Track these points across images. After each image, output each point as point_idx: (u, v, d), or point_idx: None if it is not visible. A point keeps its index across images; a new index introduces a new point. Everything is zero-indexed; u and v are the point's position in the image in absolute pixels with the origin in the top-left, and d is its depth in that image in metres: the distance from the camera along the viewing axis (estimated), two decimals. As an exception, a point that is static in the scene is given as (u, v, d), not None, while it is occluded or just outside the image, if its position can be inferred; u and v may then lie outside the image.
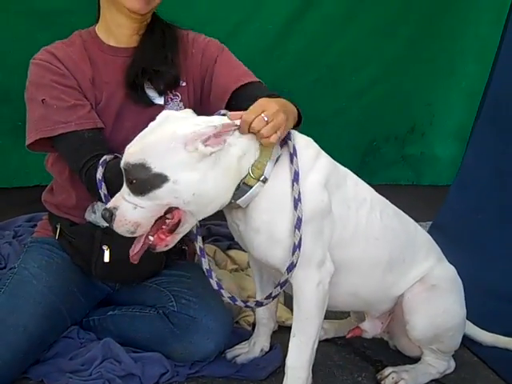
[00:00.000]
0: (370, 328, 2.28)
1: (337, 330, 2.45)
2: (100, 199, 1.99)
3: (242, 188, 1.79)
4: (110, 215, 1.73)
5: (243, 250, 2.41)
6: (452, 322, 2.16)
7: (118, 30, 2.21)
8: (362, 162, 3.97)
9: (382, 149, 4.00)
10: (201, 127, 1.66)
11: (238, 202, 1.80)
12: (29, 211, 3.13)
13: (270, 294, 1.95)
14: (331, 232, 1.92)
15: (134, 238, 1.96)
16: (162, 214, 1.73)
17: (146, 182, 1.67)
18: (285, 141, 1.85)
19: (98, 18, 2.25)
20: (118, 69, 2.20)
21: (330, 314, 2.43)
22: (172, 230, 1.78)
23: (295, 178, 1.81)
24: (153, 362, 2.14)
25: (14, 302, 2.07)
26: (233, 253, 2.89)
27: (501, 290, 2.86)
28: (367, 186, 2.09)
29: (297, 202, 1.81)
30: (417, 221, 3.53)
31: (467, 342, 2.45)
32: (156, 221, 1.75)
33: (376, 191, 2.17)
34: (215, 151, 1.68)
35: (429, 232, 3.32)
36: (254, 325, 2.35)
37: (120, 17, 2.17)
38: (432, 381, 2.23)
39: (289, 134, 1.87)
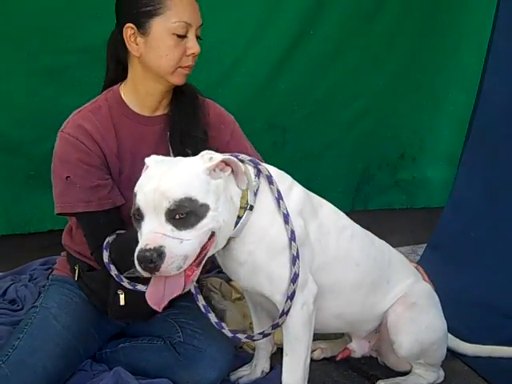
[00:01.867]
0: (358, 348, 2.42)
1: (333, 349, 2.57)
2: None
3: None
4: (158, 254, 1.68)
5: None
6: (435, 336, 2.28)
7: (148, 98, 2.28)
8: (357, 190, 4.12)
9: (375, 175, 4.15)
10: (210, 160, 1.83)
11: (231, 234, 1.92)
12: (43, 255, 3.29)
13: (277, 323, 2.04)
14: (311, 256, 2.05)
15: (145, 281, 2.06)
16: (207, 239, 1.79)
17: (193, 213, 1.73)
18: (257, 170, 1.99)
19: (123, 77, 2.30)
20: (142, 138, 2.30)
21: (329, 335, 2.61)
22: (199, 263, 1.83)
23: (279, 196, 1.96)
24: (161, 387, 2.27)
25: (34, 344, 2.19)
26: (235, 283, 3.03)
27: (495, 303, 2.98)
28: (344, 215, 2.23)
29: (287, 216, 1.94)
30: (413, 243, 3.71)
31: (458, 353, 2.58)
32: None
33: (372, 216, 2.32)
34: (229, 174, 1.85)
35: (425, 251, 3.53)
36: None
37: (155, 87, 2.25)
38: (423, 391, 2.35)
39: (255, 162, 2.00)
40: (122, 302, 2.29)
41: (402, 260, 2.40)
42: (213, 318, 2.07)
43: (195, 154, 2.27)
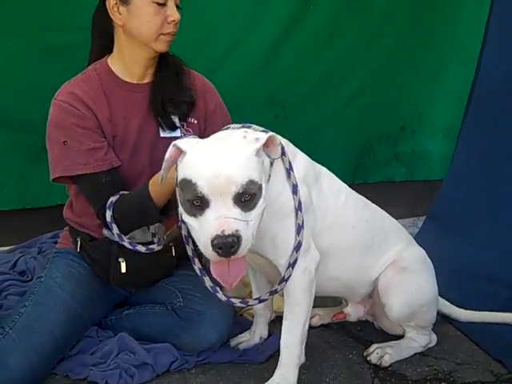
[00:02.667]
0: (353, 312, 2.53)
1: (331, 316, 2.65)
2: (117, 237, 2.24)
3: None
4: (237, 238, 1.71)
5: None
6: (424, 299, 2.36)
7: (134, 66, 2.40)
8: (357, 163, 4.18)
9: (375, 149, 4.20)
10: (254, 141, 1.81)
11: None
12: (53, 229, 3.35)
13: (275, 289, 2.11)
14: (314, 222, 2.13)
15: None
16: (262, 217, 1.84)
17: (256, 195, 1.77)
18: None
19: (111, 50, 2.42)
20: (133, 104, 2.41)
21: (327, 302, 2.71)
22: None
23: (290, 167, 2.02)
24: (163, 351, 2.37)
25: (40, 310, 2.27)
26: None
27: (490, 272, 3.05)
28: (339, 180, 2.31)
29: (295, 187, 2.02)
30: (413, 215, 3.77)
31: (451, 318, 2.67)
32: None
33: (372, 189, 2.36)
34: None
35: (424, 222, 3.59)
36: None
37: (141, 55, 2.37)
38: (416, 354, 2.44)
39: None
40: (124, 270, 2.36)
41: (394, 225, 2.47)
42: (208, 281, 2.11)
43: (181, 118, 2.42)
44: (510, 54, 3.29)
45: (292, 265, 2.06)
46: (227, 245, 1.71)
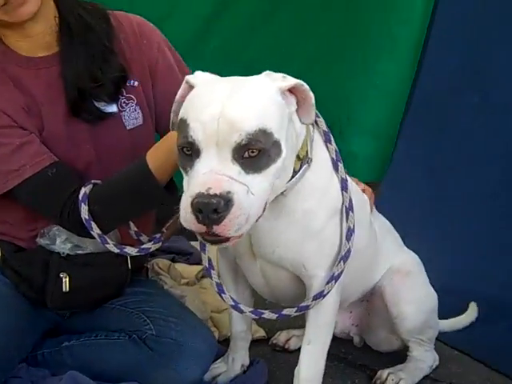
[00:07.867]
0: (339, 321, 2.13)
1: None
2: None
3: None
4: (226, 203, 1.27)
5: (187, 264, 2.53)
6: (433, 303, 2.12)
7: (27, 42, 1.83)
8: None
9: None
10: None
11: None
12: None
13: (307, 305, 1.70)
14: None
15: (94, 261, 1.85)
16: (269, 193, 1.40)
17: (267, 152, 1.34)
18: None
19: None
20: (47, 83, 1.85)
21: (301, 320, 2.27)
22: None
23: (337, 157, 1.65)
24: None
25: None
26: (179, 267, 2.62)
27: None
28: None
29: (345, 182, 1.66)
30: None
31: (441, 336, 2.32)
32: None
33: None
34: None
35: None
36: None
37: (20, 31, 1.80)
38: (426, 378, 2.12)
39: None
40: (66, 289, 1.88)
41: (392, 228, 2.18)
42: (228, 300, 1.74)
43: (112, 96, 1.88)
44: (457, 50, 3.20)
45: (336, 278, 1.66)
46: (209, 207, 1.27)
